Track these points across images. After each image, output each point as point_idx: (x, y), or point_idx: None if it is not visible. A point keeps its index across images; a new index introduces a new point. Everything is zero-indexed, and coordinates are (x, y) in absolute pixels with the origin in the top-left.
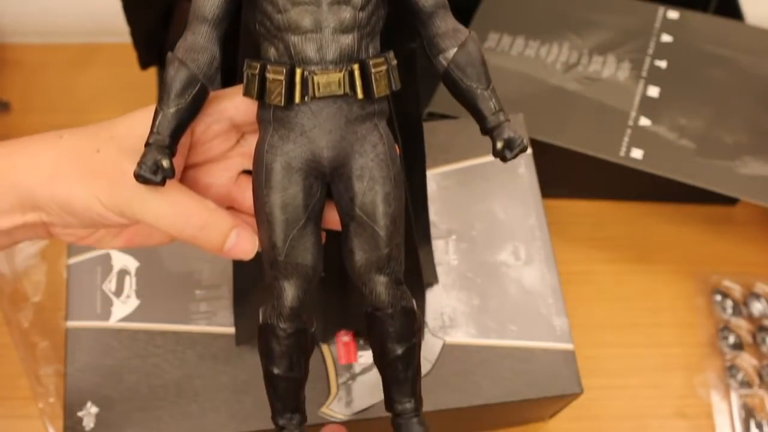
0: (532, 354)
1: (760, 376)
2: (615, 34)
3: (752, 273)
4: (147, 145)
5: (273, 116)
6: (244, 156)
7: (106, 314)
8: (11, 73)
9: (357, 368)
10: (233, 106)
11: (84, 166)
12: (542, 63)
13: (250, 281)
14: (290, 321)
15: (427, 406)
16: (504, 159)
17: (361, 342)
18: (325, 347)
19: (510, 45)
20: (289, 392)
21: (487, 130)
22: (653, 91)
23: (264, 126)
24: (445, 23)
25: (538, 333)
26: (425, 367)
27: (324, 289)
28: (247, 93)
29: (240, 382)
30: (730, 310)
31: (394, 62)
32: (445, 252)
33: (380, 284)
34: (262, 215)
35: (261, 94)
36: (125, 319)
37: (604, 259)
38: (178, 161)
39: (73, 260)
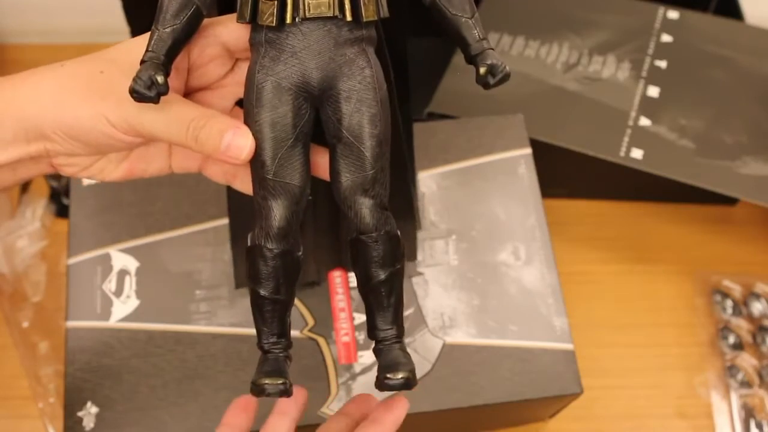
0: (532, 354)
1: (760, 376)
2: (615, 34)
3: (752, 273)
4: (142, 62)
5: (265, 38)
6: (238, 84)
7: (106, 314)
8: (11, 73)
9: (357, 368)
10: (227, 31)
11: (89, 87)
12: (542, 63)
13: (247, 224)
14: (277, 241)
15: (427, 406)
16: (487, 85)
17: (361, 342)
18: (325, 347)
19: (510, 45)
20: (275, 315)
21: (471, 57)
22: (653, 91)
23: (256, 48)
24: None
25: (538, 333)
26: (425, 367)
27: (316, 229)
28: (240, 17)
29: (240, 382)
30: (730, 310)
31: None
32: (445, 252)
33: (365, 207)
34: (251, 133)
35: (254, 16)
36: (125, 319)
37: (604, 259)
38: (178, 85)
39: (73, 260)
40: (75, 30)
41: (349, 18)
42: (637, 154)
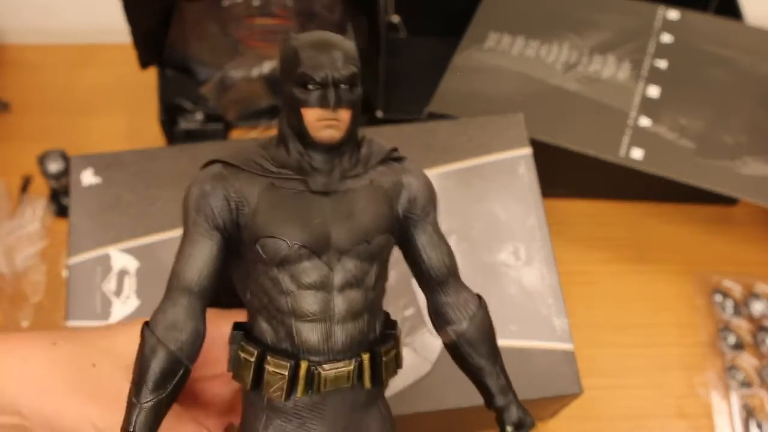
0: (532, 354)
1: (760, 376)
2: (615, 34)
3: (752, 273)
4: None
5: (267, 404)
6: None
7: (106, 314)
8: (11, 73)
9: None
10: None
11: (78, 381)
12: (542, 63)
13: None
14: None
15: (427, 406)
16: None
17: None
18: None
19: (510, 45)
20: None
21: (495, 409)
22: (653, 91)
23: (255, 412)
24: (456, 292)
25: (538, 333)
26: (425, 367)
27: None
28: (236, 378)
29: None
30: (730, 310)
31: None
32: None
33: None
34: None
35: (256, 384)
36: (125, 319)
37: (604, 259)
38: None
39: (73, 260)
40: (75, 30)
41: (368, 386)
42: (637, 154)
